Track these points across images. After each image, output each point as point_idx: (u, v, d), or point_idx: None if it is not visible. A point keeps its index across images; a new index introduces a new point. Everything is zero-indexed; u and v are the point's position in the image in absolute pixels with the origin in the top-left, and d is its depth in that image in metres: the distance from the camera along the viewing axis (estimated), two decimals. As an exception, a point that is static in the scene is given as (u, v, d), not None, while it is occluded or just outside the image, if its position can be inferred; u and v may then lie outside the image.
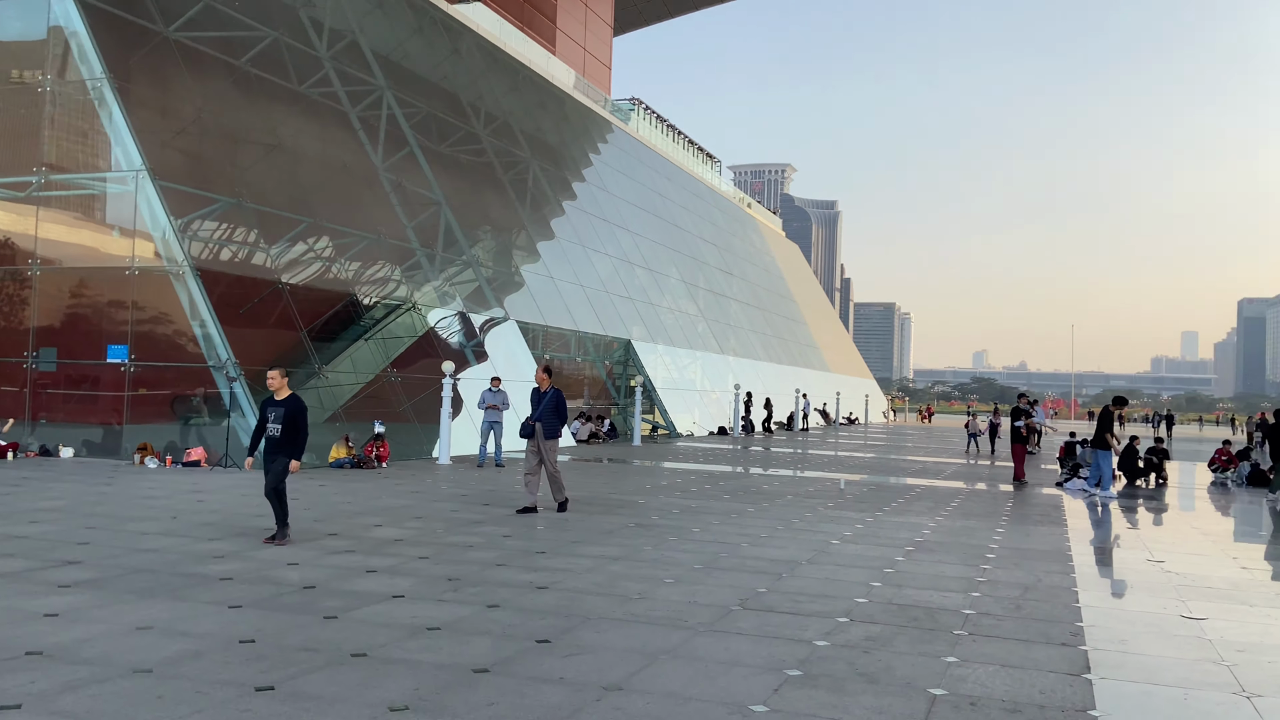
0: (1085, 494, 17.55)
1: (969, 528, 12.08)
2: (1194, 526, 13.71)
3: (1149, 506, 16.11)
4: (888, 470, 21.69)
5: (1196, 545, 11.51)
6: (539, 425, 12.03)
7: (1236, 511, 16.01)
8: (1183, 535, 12.47)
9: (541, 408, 12.13)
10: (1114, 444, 17.64)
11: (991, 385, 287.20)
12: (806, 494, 15.57)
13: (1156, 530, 12.90)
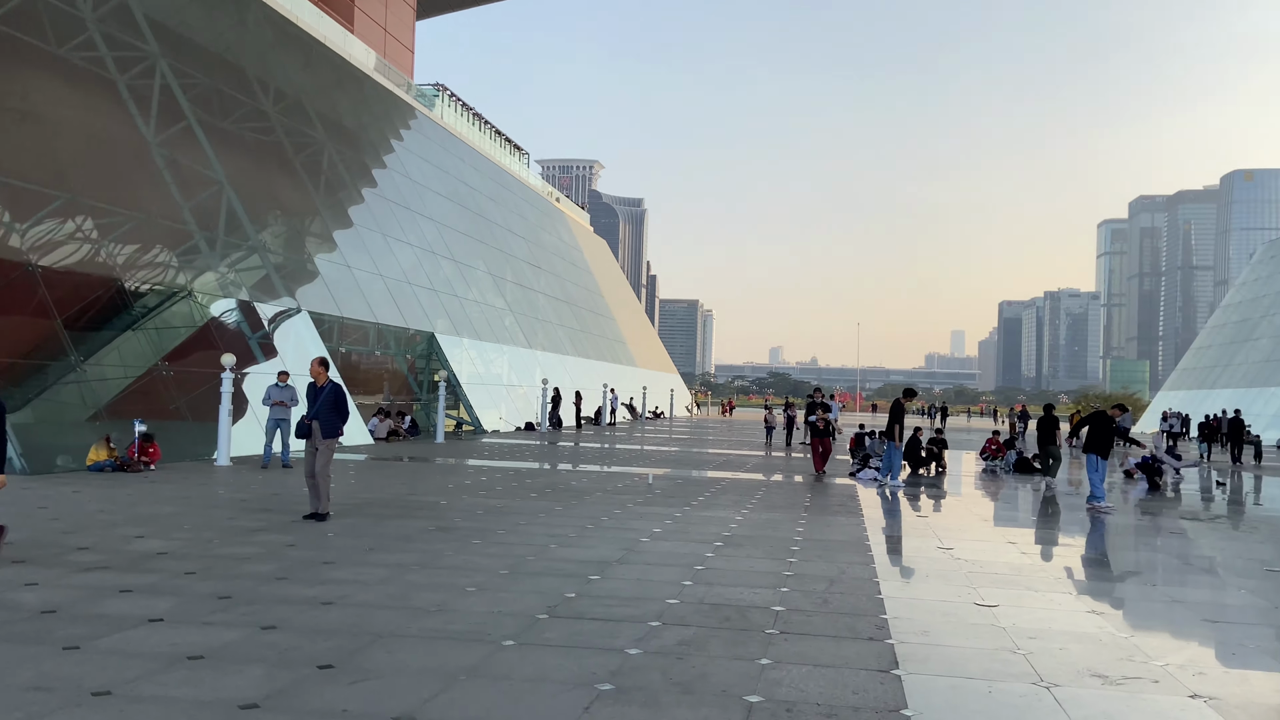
0: (876, 483, 18.28)
1: (774, 520, 12.19)
2: (974, 513, 14.49)
3: (932, 494, 16.96)
4: (693, 464, 21.89)
5: (978, 532, 12.10)
6: (316, 424, 11.13)
7: (1008, 497, 17.11)
8: (965, 522, 13.12)
9: (319, 404, 11.21)
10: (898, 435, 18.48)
11: (786, 380, 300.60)
12: (615, 490, 15.35)
13: (942, 518, 13.51)
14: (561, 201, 69.40)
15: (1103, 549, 11.24)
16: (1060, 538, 12.02)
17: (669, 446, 28.77)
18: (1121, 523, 13.60)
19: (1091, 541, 11.78)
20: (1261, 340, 60.83)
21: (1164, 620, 7.46)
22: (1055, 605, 7.70)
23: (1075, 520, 13.72)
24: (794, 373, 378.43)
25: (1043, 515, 14.40)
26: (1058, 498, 16.88)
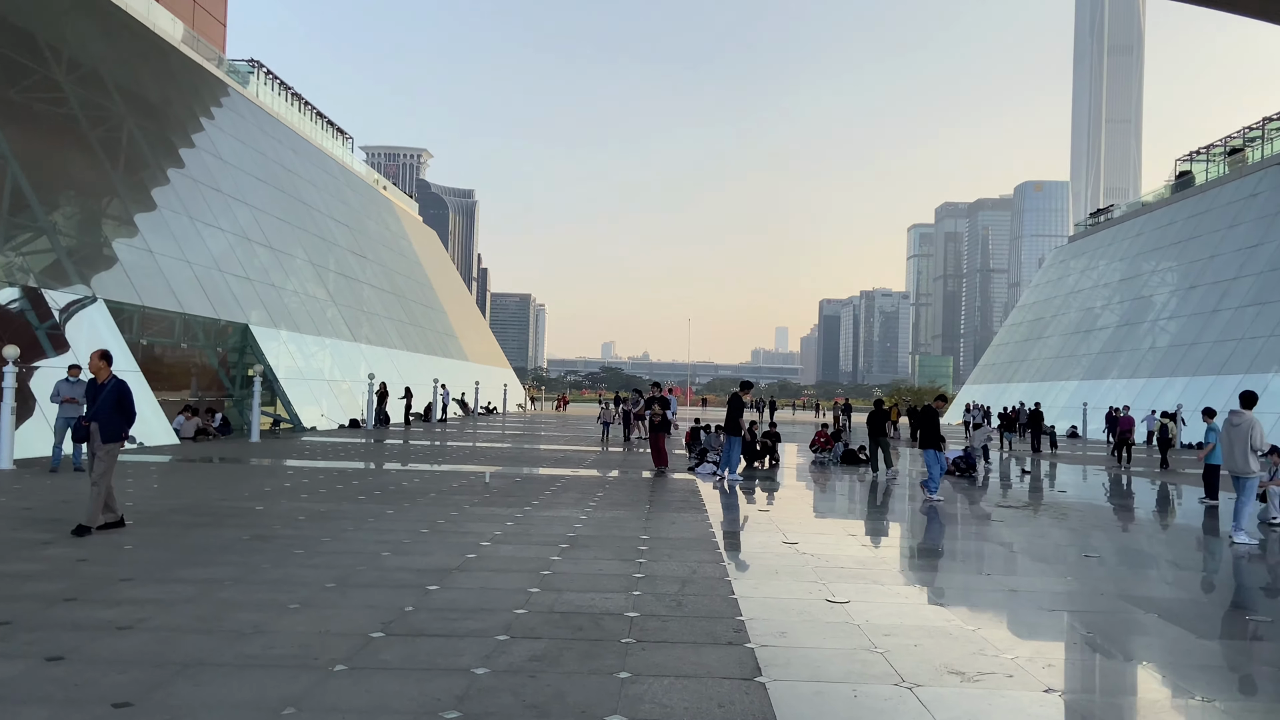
0: (715, 477, 18.35)
1: (618, 519, 11.89)
2: (812, 506, 14.71)
3: (770, 488, 17.16)
4: (531, 461, 21.37)
5: (820, 525, 12.22)
6: (95, 425, 9.94)
7: (841, 489, 17.53)
8: (806, 515, 13.26)
9: (99, 403, 10.00)
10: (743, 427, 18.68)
11: (619, 374, 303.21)
12: (450, 490, 14.67)
13: (783, 511, 13.61)
14: (389, 189, 67.01)
15: (937, 539, 11.55)
16: (896, 529, 12.30)
17: (504, 443, 28.10)
18: (948, 512, 14.10)
19: (924, 532, 12.11)
20: (1053, 338, 65.91)
21: (1005, 610, 7.61)
22: (903, 599, 7.73)
23: (906, 511, 14.13)
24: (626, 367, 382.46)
25: (877, 507, 14.76)
26: (889, 489, 17.43)
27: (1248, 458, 11.31)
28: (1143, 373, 50.33)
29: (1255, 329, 42.50)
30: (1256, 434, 11.23)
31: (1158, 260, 56.98)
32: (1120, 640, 6.59)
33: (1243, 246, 47.58)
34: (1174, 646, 6.53)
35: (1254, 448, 11.25)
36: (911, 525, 12.64)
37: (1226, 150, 56.38)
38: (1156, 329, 52.14)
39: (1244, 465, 11.33)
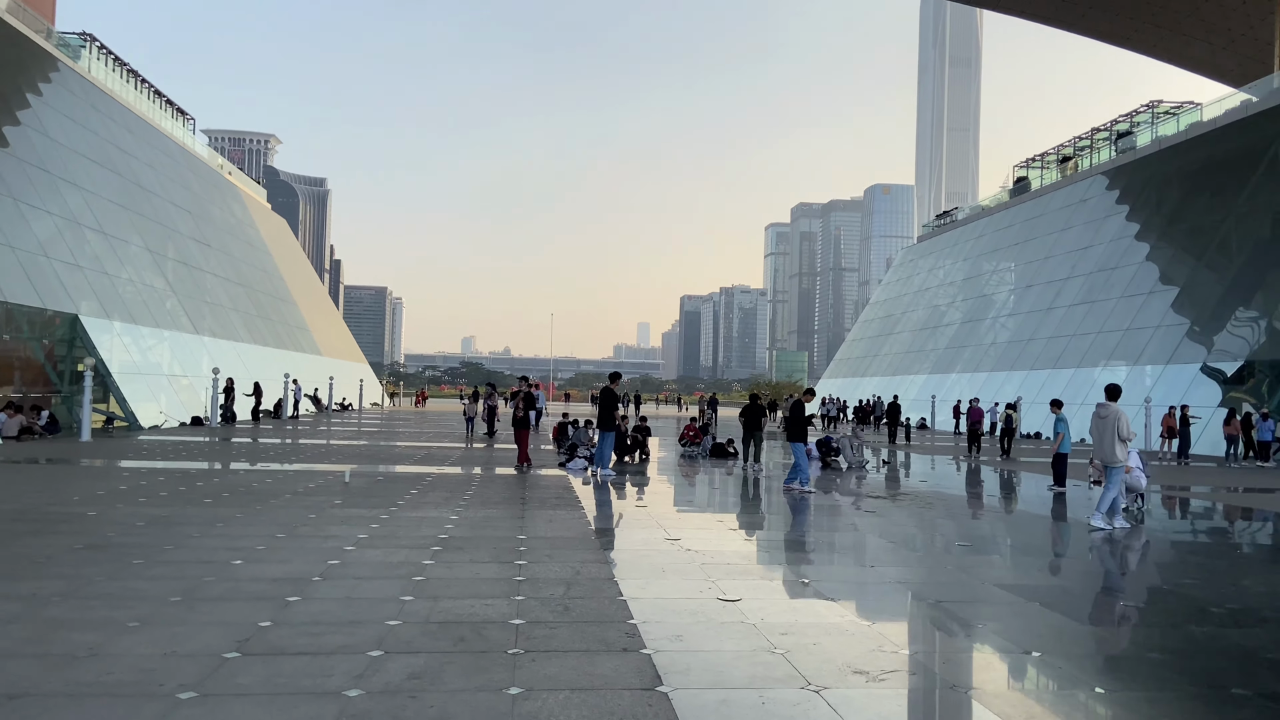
0: (587, 473, 17.98)
1: (491, 518, 11.37)
2: (689, 500, 14.56)
3: (643, 482, 16.94)
4: (392, 459, 20.47)
5: (699, 520, 12.04)
6: None
7: (715, 483, 17.48)
8: (683, 510, 13.07)
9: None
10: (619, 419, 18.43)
11: (479, 369, 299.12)
12: (306, 491, 13.76)
13: (660, 507, 13.38)
14: (234, 175, 63.57)
15: (816, 532, 11.54)
16: (775, 522, 12.24)
17: (362, 440, 26.91)
18: (822, 504, 14.20)
19: (804, 524, 12.10)
20: (903, 334, 68.70)
21: (895, 604, 7.56)
22: (794, 595, 7.57)
23: (782, 504, 14.15)
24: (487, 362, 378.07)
25: (752, 500, 14.72)
26: (760, 481, 17.48)
27: (1115, 447, 11.80)
28: (985, 366, 52.97)
29: (1085, 326, 45.34)
30: (1123, 424, 11.73)
31: (997, 261, 60.12)
32: (1011, 633, 6.60)
33: (1074, 249, 50.68)
34: (1061, 635, 6.58)
35: (1122, 437, 11.74)
36: (789, 518, 12.62)
37: (1059, 158, 60.01)
38: (997, 325, 54.98)
39: (1113, 454, 11.81)
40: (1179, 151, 45.35)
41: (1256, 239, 37.15)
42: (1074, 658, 5.97)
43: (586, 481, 16.34)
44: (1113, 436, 11.78)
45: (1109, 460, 11.88)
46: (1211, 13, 74.97)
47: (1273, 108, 39.22)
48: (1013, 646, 6.17)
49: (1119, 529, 11.72)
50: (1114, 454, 11.80)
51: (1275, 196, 36.83)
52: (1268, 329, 34.19)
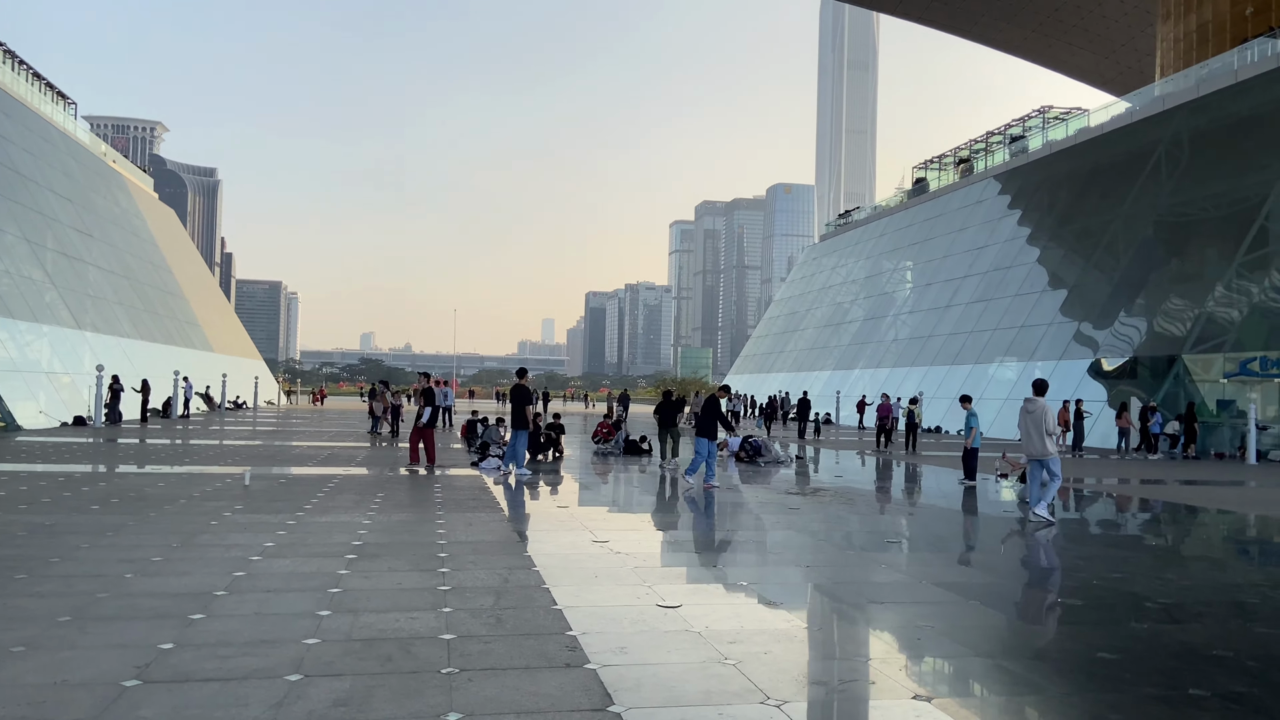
0: (501, 473, 17.47)
1: (407, 523, 10.82)
2: (610, 500, 14.22)
3: (561, 482, 16.53)
4: (295, 459, 19.54)
5: (624, 521, 11.72)
6: None
7: (634, 482, 17.18)
8: (607, 511, 12.73)
9: None
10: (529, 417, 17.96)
11: (379, 366, 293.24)
12: (203, 496, 12.93)
13: (583, 508, 13.02)
14: (119, 163, 60.42)
15: (747, 531, 11.34)
16: (704, 523, 11.99)
17: (260, 440, 25.73)
18: (744, 501, 14.05)
19: (733, 524, 11.90)
20: (807, 331, 69.80)
21: (837, 606, 7.37)
22: (734, 599, 7.32)
23: (708, 503, 13.93)
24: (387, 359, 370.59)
25: (673, 500, 14.47)
26: (679, 480, 17.26)
27: (1044, 441, 11.96)
28: (887, 363, 54.15)
29: (982, 323, 46.74)
30: (1050, 418, 11.90)
31: (898, 259, 61.57)
32: (957, 633, 6.47)
33: (971, 248, 52.22)
34: (1009, 636, 6.49)
35: (1048, 431, 11.90)
36: (716, 518, 12.41)
37: (956, 160, 61.78)
38: (898, 323, 56.28)
39: (1041, 448, 11.98)
40: (1069, 155, 47.13)
41: (1141, 240, 38.82)
42: (1025, 660, 5.87)
43: (500, 482, 15.85)
44: (1040, 431, 11.95)
45: (1039, 454, 12.04)
46: (1095, 23, 78.32)
47: (1156, 114, 41.05)
48: (965, 650, 6.03)
49: (1038, 519, 11.89)
50: (1044, 447, 11.97)
51: (1158, 200, 38.56)
52: (1149, 328, 35.76)
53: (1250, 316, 31.01)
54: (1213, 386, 31.87)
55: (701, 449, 16.16)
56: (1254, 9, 44.88)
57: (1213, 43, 47.76)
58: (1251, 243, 32.36)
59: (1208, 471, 23.02)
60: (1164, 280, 37.15)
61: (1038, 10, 75.46)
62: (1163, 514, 14.36)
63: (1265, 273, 31.34)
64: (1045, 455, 11.99)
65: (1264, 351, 29.68)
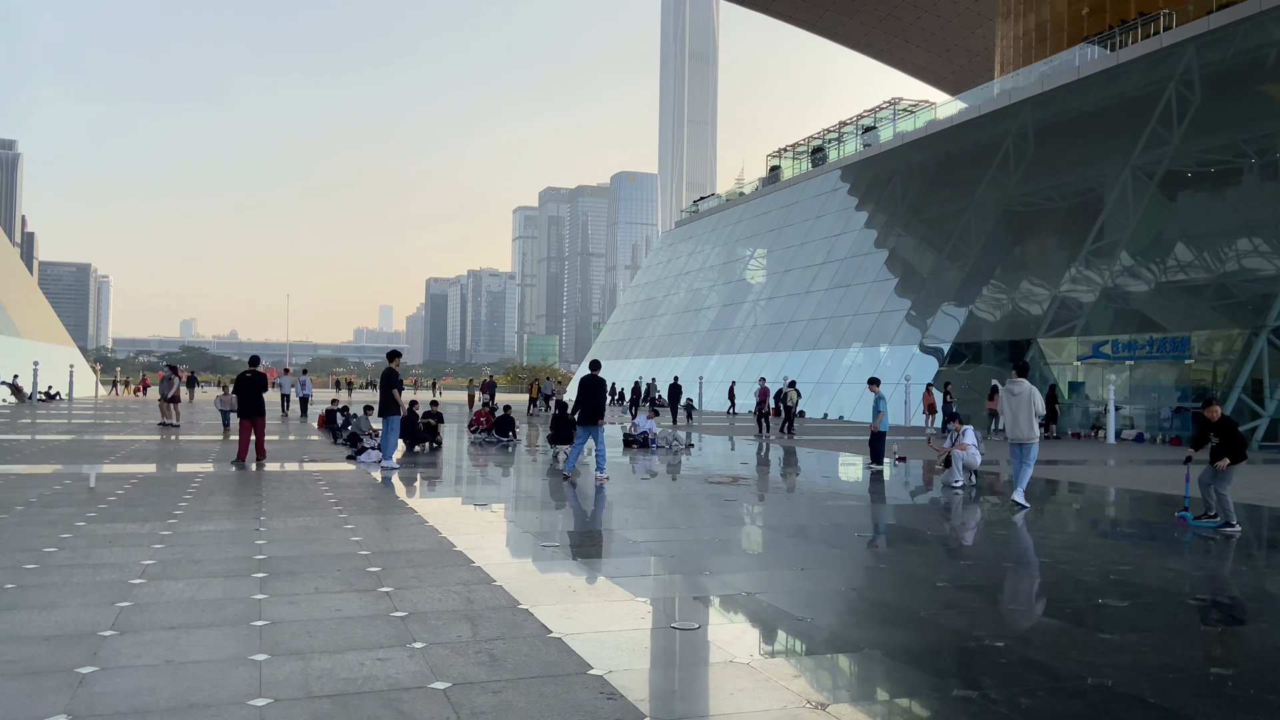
0: (384, 467, 15.81)
1: (310, 528, 9.23)
2: (529, 496, 12.94)
3: (457, 475, 15.10)
4: (139, 456, 17.18)
5: (561, 521, 10.51)
6: None
7: (532, 472, 15.90)
8: (534, 508, 11.47)
9: None
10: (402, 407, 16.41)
11: (203, 354, 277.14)
12: (42, 501, 10.84)
13: (506, 506, 11.69)
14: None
15: (710, 528, 10.33)
16: (655, 519, 10.85)
17: (88, 435, 22.81)
18: (678, 493, 13.06)
19: (691, 520, 10.85)
20: (665, 316, 69.66)
21: (877, 618, 6.45)
22: (760, 616, 6.28)
23: (651, 497, 12.84)
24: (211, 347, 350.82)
25: (606, 494, 13.30)
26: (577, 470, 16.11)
27: (1032, 424, 11.50)
28: (747, 348, 54.51)
29: (841, 309, 47.59)
30: (1038, 400, 11.46)
31: (755, 246, 62.15)
32: (1024, 650, 5.66)
33: (827, 235, 53.15)
34: (1058, 642, 5.75)
35: (1037, 412, 11.44)
36: (668, 514, 11.29)
37: (809, 149, 62.86)
38: (757, 309, 56.76)
39: (1029, 431, 11.52)
40: (920, 146, 48.51)
41: (992, 229, 40.26)
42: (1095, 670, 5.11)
43: (386, 476, 14.26)
44: (1029, 413, 11.48)
45: (1025, 438, 11.58)
46: (930, 22, 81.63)
47: (1003, 108, 42.65)
48: (1051, 676, 5.22)
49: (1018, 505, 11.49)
50: (1031, 431, 11.51)
51: (1007, 190, 40.07)
52: (1007, 312, 37.13)
53: (1098, 302, 32.52)
54: (1065, 369, 33.31)
55: (586, 438, 14.88)
56: (1090, 9, 47.41)
57: (1051, 41, 50.27)
58: (1098, 231, 33.97)
59: (1080, 451, 23.74)
60: (1016, 266, 38.68)
61: (878, 6, 78.00)
62: (1087, 495, 14.31)
63: (1111, 260, 32.95)
64: (1030, 439, 11.56)
65: (1114, 335, 31.18)
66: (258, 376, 16.78)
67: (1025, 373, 11.87)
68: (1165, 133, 33.16)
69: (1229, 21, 32.73)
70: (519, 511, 11.09)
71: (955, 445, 13.94)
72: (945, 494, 13.38)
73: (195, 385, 53.37)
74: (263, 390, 16.47)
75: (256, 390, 16.32)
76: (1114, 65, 37.31)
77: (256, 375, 16.83)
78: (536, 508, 11.46)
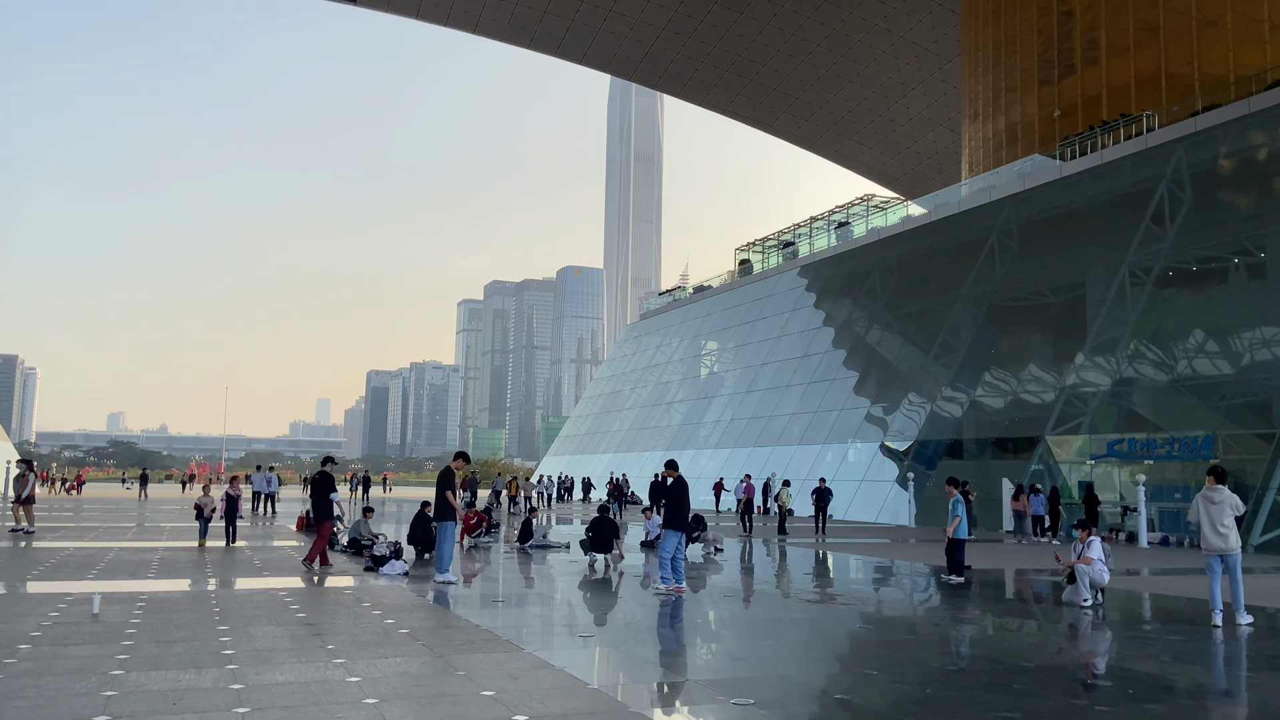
0: (439, 582, 13.89)
1: (411, 674, 7.38)
2: (621, 615, 11.15)
3: (504, 589, 13.22)
4: (122, 568, 14.93)
5: (690, 652, 8.77)
6: None
7: (587, 584, 14.10)
8: (645, 635, 9.71)
9: None
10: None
11: (132, 449, 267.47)
12: (52, 638, 8.79)
13: (621, 637, 9.90)
14: None
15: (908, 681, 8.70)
16: (844, 661, 9.21)
17: (53, 540, 20.25)
18: (792, 618, 11.40)
19: (841, 650, 9.21)
20: (632, 410, 68.14)
21: None
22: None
23: (748, 619, 11.15)
24: (140, 441, 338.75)
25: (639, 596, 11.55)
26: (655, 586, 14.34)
27: (1236, 532, 10.20)
28: (726, 443, 53.11)
29: (828, 403, 46.61)
30: (1238, 504, 10.17)
31: (728, 339, 61.37)
32: None
33: (805, 329, 52.60)
34: None
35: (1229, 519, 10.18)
36: (822, 649, 9.65)
37: (780, 244, 62.90)
38: (734, 403, 55.59)
39: (1234, 541, 10.21)
40: (899, 241, 48.46)
41: (981, 326, 39.90)
42: None
43: (440, 596, 12.38)
44: (1231, 520, 10.19)
45: (1229, 549, 10.24)
46: (883, 126, 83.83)
47: (983, 205, 42.86)
48: None
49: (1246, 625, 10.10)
50: (1234, 541, 10.20)
51: (989, 287, 39.88)
52: (1007, 409, 36.43)
53: (1103, 399, 31.93)
54: (1072, 468, 32.45)
55: (675, 542, 13.29)
56: (1061, 111, 48.49)
57: (1022, 142, 51.22)
58: (1099, 328, 33.64)
59: (1130, 558, 22.52)
60: (1009, 362, 38.20)
61: (833, 110, 79.92)
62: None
63: (1113, 356, 32.53)
64: (1235, 550, 10.22)
65: (1124, 433, 30.48)
66: (327, 478, 15.67)
67: (1224, 479, 10.59)
68: (1159, 230, 33.26)
69: (1218, 123, 33.27)
70: (641, 645, 9.33)
71: (1080, 559, 12.50)
72: (1070, 614, 11.91)
73: (146, 483, 50.07)
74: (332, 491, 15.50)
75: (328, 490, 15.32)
76: (1098, 165, 37.71)
77: (326, 476, 15.69)
78: (650, 639, 9.71)
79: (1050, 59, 49.82)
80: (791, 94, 79.10)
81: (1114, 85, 46.47)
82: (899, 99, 78.01)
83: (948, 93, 73.97)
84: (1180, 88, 43.49)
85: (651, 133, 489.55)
